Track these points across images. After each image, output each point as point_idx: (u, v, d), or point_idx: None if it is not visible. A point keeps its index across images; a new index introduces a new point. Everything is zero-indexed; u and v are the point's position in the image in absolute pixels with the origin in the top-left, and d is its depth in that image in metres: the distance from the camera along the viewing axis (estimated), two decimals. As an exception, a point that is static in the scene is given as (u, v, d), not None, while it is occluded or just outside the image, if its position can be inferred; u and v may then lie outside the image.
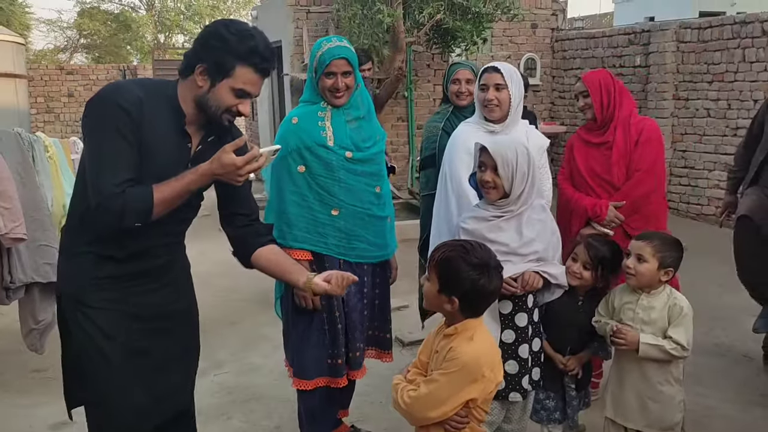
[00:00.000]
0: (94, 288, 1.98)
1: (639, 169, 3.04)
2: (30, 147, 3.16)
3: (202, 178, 1.92)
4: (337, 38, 2.76)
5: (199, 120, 2.00)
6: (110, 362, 2.00)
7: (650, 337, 2.32)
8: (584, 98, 3.15)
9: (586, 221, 3.10)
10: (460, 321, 1.90)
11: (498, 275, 1.93)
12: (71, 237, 2.04)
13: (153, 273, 2.08)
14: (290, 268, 2.17)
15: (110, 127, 1.85)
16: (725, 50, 7.00)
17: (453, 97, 3.38)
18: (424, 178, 3.48)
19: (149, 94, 1.92)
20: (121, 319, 2.01)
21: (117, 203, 1.83)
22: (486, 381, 1.85)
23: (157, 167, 1.91)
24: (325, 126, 2.69)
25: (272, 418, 3.36)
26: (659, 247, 2.38)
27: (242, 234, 2.20)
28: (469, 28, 7.42)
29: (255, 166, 1.91)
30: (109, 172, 1.84)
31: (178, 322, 2.19)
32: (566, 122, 9.54)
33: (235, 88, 1.93)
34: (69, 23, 25.38)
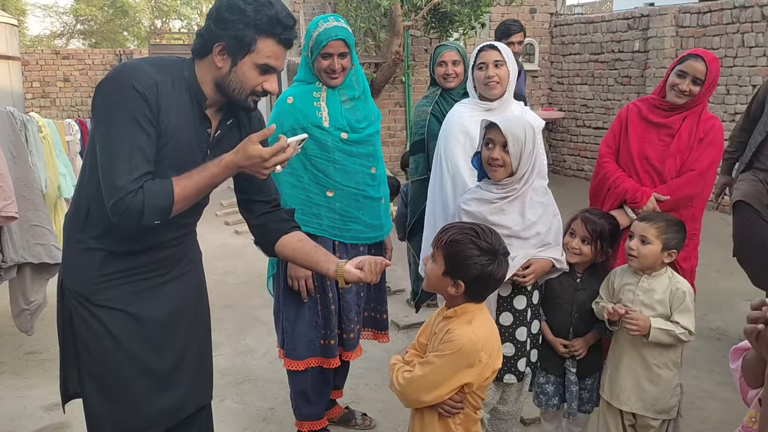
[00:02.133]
0: (102, 286, 1.85)
1: (694, 169, 2.83)
2: (23, 126, 3.13)
3: (226, 171, 1.76)
4: (335, 17, 2.72)
5: (219, 102, 1.85)
6: (116, 364, 1.88)
7: (661, 321, 2.28)
8: (693, 84, 2.78)
9: (620, 203, 2.91)
10: (460, 304, 1.86)
11: (506, 262, 1.89)
12: (77, 230, 1.88)
13: (163, 265, 1.95)
14: (318, 257, 2.01)
15: (125, 114, 1.67)
16: (724, 35, 6.96)
17: (440, 79, 3.35)
18: (413, 163, 3.45)
19: (165, 76, 1.75)
20: (128, 318, 1.88)
21: (136, 201, 1.67)
22: (482, 366, 1.82)
23: (175, 156, 1.77)
24: (321, 106, 2.66)
25: (266, 399, 3.36)
26: (663, 228, 2.35)
27: (264, 221, 2.06)
28: (467, 12, 7.37)
29: (282, 157, 1.76)
30: (126, 165, 1.67)
31: (188, 318, 2.05)
32: (564, 108, 9.50)
33: (259, 63, 1.76)
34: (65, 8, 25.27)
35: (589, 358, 2.52)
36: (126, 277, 1.87)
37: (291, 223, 2.10)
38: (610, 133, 3.07)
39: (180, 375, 2.01)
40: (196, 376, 2.09)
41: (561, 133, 9.68)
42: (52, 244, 3.25)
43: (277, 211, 2.10)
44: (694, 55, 2.80)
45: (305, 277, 2.65)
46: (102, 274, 1.85)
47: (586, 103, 9.14)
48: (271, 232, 2.06)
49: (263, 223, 2.07)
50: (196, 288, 2.11)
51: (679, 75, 2.81)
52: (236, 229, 6.54)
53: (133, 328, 1.89)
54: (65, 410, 2.10)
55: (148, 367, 1.93)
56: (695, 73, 2.77)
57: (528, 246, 2.35)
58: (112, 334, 1.86)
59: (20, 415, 3.23)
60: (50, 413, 3.24)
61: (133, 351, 1.89)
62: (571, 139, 9.49)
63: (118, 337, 1.86)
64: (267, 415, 3.22)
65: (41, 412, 3.25)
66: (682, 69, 2.80)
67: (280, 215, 2.09)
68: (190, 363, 2.05)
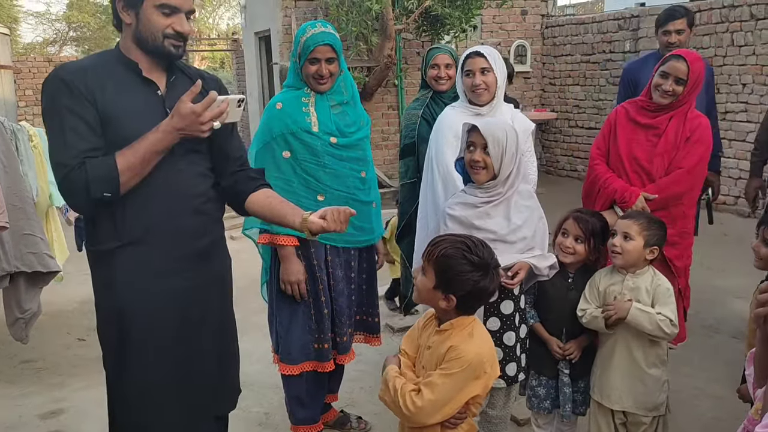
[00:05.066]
0: (129, 288, 1.89)
1: (681, 167, 2.87)
2: (13, 136, 3.14)
3: (165, 135, 1.80)
4: (322, 23, 2.74)
5: (153, 63, 1.90)
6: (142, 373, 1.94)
7: (640, 305, 2.31)
8: (676, 84, 2.82)
9: (610, 204, 2.96)
10: (452, 317, 1.85)
11: (497, 274, 1.88)
12: (92, 243, 1.95)
13: (187, 263, 1.96)
14: (284, 211, 2.02)
15: (58, 103, 1.78)
16: (714, 34, 7.00)
17: (432, 82, 3.35)
18: (404, 166, 3.43)
19: (94, 62, 1.87)
20: (157, 320, 1.92)
21: (80, 174, 1.75)
22: (487, 377, 1.83)
23: (129, 128, 1.81)
24: (310, 111, 2.68)
25: (262, 404, 3.36)
26: (645, 225, 2.37)
27: (232, 181, 2.08)
28: (458, 15, 7.39)
29: (216, 111, 1.80)
30: (64, 146, 1.77)
31: (212, 333, 2.08)
32: (556, 109, 9.54)
33: (157, 4, 1.82)
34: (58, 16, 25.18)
35: (583, 360, 2.53)
36: (150, 278, 1.90)
37: (259, 181, 2.12)
38: (600, 135, 3.12)
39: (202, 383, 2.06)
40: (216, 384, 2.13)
41: (554, 134, 9.72)
42: (44, 253, 3.25)
43: (245, 170, 2.12)
44: (676, 56, 2.85)
45: (297, 281, 2.66)
46: (125, 272, 1.89)
47: (578, 103, 9.18)
48: (240, 191, 2.08)
49: (232, 183, 2.08)
50: (222, 293, 2.17)
51: (662, 75, 2.86)
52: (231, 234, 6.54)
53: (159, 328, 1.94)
54: None
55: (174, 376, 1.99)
56: (677, 73, 2.82)
57: (514, 250, 2.36)
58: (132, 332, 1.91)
59: (16, 423, 3.23)
60: (46, 421, 3.24)
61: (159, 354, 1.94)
62: (564, 140, 9.53)
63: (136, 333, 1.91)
64: (262, 420, 3.23)
65: (37, 421, 3.26)
66: (665, 70, 2.85)
67: (248, 174, 2.12)
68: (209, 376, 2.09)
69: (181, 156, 1.90)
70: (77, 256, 3.83)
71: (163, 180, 1.87)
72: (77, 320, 4.56)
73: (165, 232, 1.91)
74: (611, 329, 2.37)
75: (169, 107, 1.86)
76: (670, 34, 3.77)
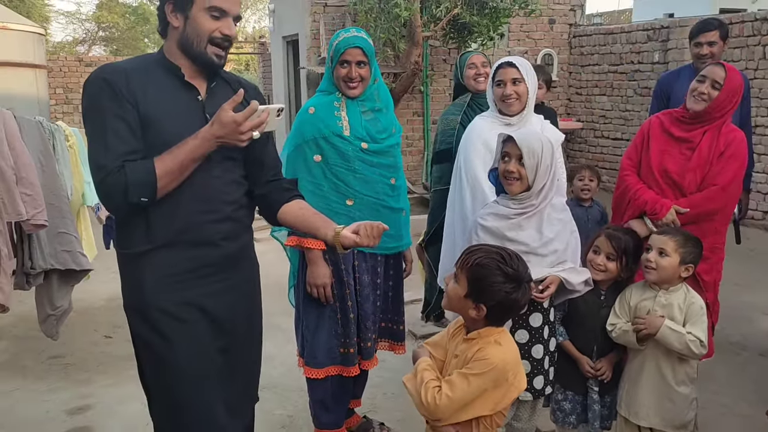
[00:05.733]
0: (159, 291, 1.88)
1: (715, 184, 2.82)
2: (51, 136, 3.21)
3: (204, 143, 1.80)
4: (356, 29, 2.76)
5: (196, 69, 1.90)
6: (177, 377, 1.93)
7: (673, 323, 2.29)
8: (712, 88, 2.79)
9: (640, 214, 2.93)
10: (480, 327, 1.85)
11: (528, 288, 1.89)
12: (124, 245, 1.94)
13: (218, 268, 1.96)
14: (317, 223, 2.01)
15: (99, 104, 1.77)
16: (745, 47, 6.93)
17: (470, 82, 3.33)
18: (438, 172, 3.42)
19: (136, 64, 1.87)
20: (185, 322, 1.91)
21: (119, 178, 1.75)
22: (509, 386, 1.82)
23: (169, 132, 1.81)
24: (341, 116, 2.69)
25: (285, 407, 3.38)
26: (682, 242, 2.35)
27: (266, 191, 2.08)
28: (486, 23, 7.39)
29: (257, 122, 1.80)
30: (104, 148, 1.76)
31: (241, 337, 2.09)
32: (582, 119, 9.48)
33: (208, 7, 1.81)
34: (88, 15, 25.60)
35: (612, 376, 2.51)
36: (180, 282, 1.90)
37: (293, 192, 2.13)
38: (632, 146, 3.09)
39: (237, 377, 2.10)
40: (248, 380, 2.20)
41: (579, 144, 9.66)
42: (78, 251, 3.31)
43: (279, 180, 2.13)
44: (715, 63, 2.89)
45: (324, 284, 2.68)
46: (156, 278, 1.88)
47: (604, 113, 9.12)
48: (274, 201, 2.08)
49: (266, 193, 2.09)
50: (252, 299, 2.17)
51: (699, 80, 2.86)
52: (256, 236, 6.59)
53: (190, 329, 1.92)
54: None
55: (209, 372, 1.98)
56: (714, 77, 2.81)
57: (545, 263, 2.34)
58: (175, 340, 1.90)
59: (43, 419, 3.28)
60: (73, 417, 3.29)
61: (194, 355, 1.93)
62: (590, 150, 9.46)
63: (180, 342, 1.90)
64: (286, 423, 3.25)
65: (64, 416, 3.30)
66: (703, 74, 2.86)
67: (282, 184, 2.13)
68: (245, 367, 2.14)
69: (216, 163, 1.90)
70: (104, 254, 3.89)
71: (197, 186, 1.88)
72: (104, 317, 4.63)
73: (196, 237, 1.91)
74: (642, 344, 2.35)
75: (209, 113, 1.87)
76: (701, 46, 3.74)
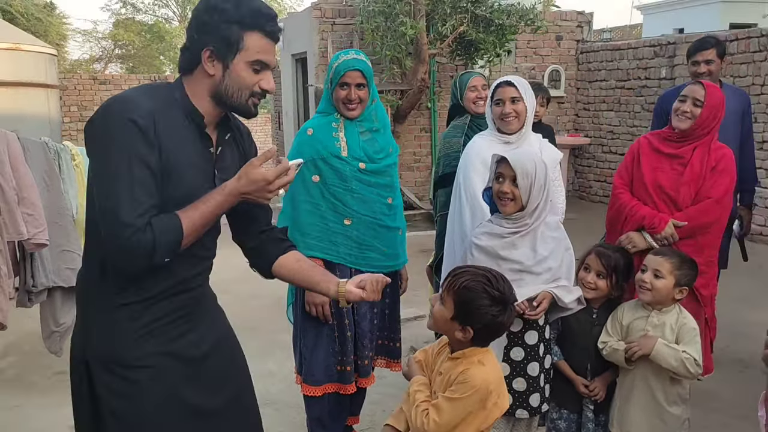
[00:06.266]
0: (133, 346, 1.70)
1: (710, 197, 2.88)
2: (56, 155, 3.28)
3: (230, 198, 1.68)
4: (355, 51, 2.82)
5: (216, 117, 1.77)
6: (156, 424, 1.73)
7: (666, 343, 2.30)
8: (694, 106, 2.88)
9: (637, 229, 2.96)
10: (466, 348, 1.87)
11: (514, 309, 1.91)
12: (96, 290, 1.73)
13: (192, 308, 1.83)
14: (318, 277, 1.94)
15: (122, 148, 1.56)
16: (751, 63, 6.93)
17: (470, 104, 3.34)
18: (444, 196, 3.34)
19: (159, 102, 1.65)
20: (162, 372, 1.73)
21: (146, 238, 1.55)
22: (492, 406, 1.83)
23: (187, 185, 1.67)
24: (339, 137, 2.74)
25: (284, 423, 3.40)
26: (678, 264, 2.36)
27: (259, 243, 1.98)
28: (492, 40, 7.45)
29: (286, 180, 1.69)
30: (129, 202, 1.54)
31: (221, 358, 1.92)
32: (590, 134, 9.49)
33: (251, 60, 1.68)
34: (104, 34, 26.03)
35: (606, 395, 2.51)
36: (159, 329, 1.74)
37: (286, 243, 2.02)
38: (622, 165, 3.14)
39: (226, 419, 1.89)
40: (243, 418, 1.96)
41: (587, 159, 9.66)
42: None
43: (272, 230, 2.02)
44: (695, 81, 3.00)
45: (322, 303, 2.70)
46: (133, 330, 1.70)
47: (612, 129, 9.13)
48: (268, 254, 1.98)
49: (258, 245, 1.98)
50: (224, 326, 2.02)
51: (681, 100, 2.94)
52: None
53: (172, 377, 1.75)
54: None
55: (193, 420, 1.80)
56: (695, 95, 2.89)
57: (539, 281, 2.36)
58: (154, 391, 1.72)
59: (48, 433, 3.33)
60: (76, 432, 3.33)
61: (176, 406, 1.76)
62: (597, 165, 9.46)
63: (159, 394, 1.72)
64: (284, 439, 3.27)
65: (69, 431, 3.35)
66: (683, 93, 2.95)
67: (276, 235, 2.01)
68: (236, 405, 1.94)
69: None
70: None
71: None
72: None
73: (178, 289, 1.77)
74: (631, 365, 2.36)
75: (218, 168, 1.78)
76: (699, 65, 3.79)
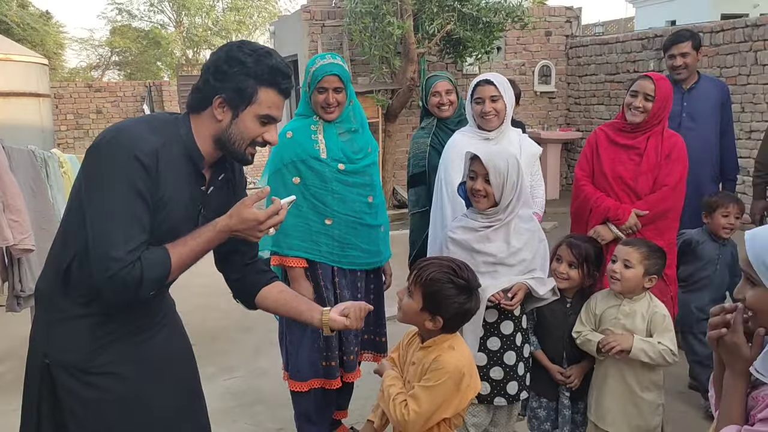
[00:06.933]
0: (98, 352, 1.72)
1: (666, 185, 3.02)
2: (43, 163, 3.35)
3: (220, 235, 1.71)
4: (331, 55, 2.88)
5: (213, 158, 1.80)
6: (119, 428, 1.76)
7: (641, 338, 2.36)
8: (645, 101, 2.99)
9: (603, 220, 3.09)
10: (436, 336, 1.94)
11: (479, 295, 1.98)
12: (60, 298, 1.73)
13: (154, 315, 1.87)
14: (301, 307, 1.97)
15: (124, 182, 1.59)
16: (737, 53, 6.97)
17: (434, 109, 3.38)
18: (414, 195, 3.45)
19: (163, 139, 1.68)
20: (126, 378, 1.76)
21: (134, 273, 1.58)
22: (466, 389, 1.89)
23: (171, 219, 1.70)
24: (318, 139, 2.80)
25: (276, 420, 3.47)
26: (646, 254, 2.42)
27: (243, 274, 2.00)
28: (479, 38, 7.50)
29: (276, 220, 1.72)
30: (122, 236, 1.58)
31: (180, 362, 1.97)
32: (582, 128, 9.54)
33: (260, 114, 1.72)
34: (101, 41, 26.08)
35: (583, 383, 2.56)
36: (122, 336, 1.76)
37: (270, 274, 2.05)
38: (582, 157, 3.26)
39: (184, 423, 1.94)
40: (198, 423, 2.02)
41: (579, 153, 9.70)
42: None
43: (256, 263, 2.04)
44: (643, 76, 3.07)
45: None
46: (96, 338, 1.72)
47: (602, 122, 9.17)
48: (252, 285, 2.00)
49: (242, 277, 2.00)
50: (181, 333, 2.04)
51: (632, 95, 3.05)
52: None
53: (134, 384, 1.77)
54: None
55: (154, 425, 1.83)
56: (645, 90, 2.99)
57: (514, 272, 2.42)
58: (116, 397, 1.74)
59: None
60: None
61: (138, 410, 1.78)
62: (590, 159, 9.50)
63: (123, 399, 1.75)
64: (275, 435, 3.34)
65: None
66: (634, 89, 3.05)
67: (259, 266, 2.04)
68: (192, 410, 1.99)
69: None
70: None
71: None
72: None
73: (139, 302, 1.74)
74: (601, 355, 2.42)
75: (204, 205, 1.82)
76: (675, 58, 3.86)
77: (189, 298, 4.10)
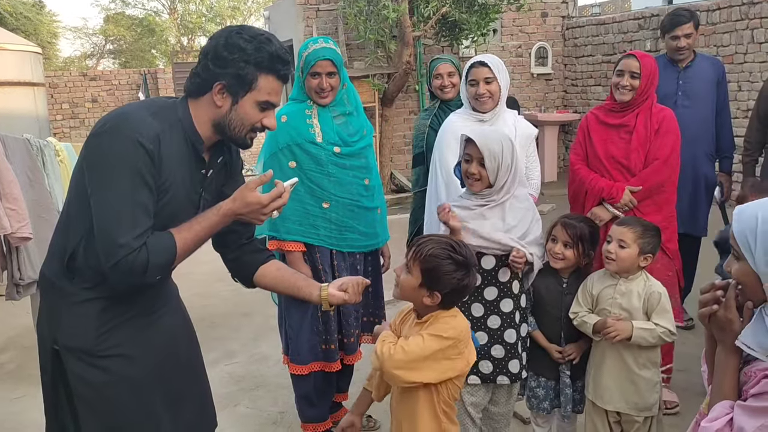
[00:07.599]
0: (105, 336, 1.74)
1: (657, 158, 3.04)
2: (39, 152, 3.35)
3: (224, 219, 1.74)
4: (324, 39, 2.87)
5: (212, 142, 1.81)
6: (128, 412, 1.79)
7: (642, 322, 2.37)
8: (632, 79, 3.03)
9: (599, 201, 3.12)
10: (434, 311, 1.94)
11: (475, 272, 1.98)
12: (67, 282, 1.75)
13: (159, 300, 1.89)
14: (300, 283, 2.01)
15: (128, 168, 1.60)
16: (734, 32, 6.95)
17: (437, 91, 3.45)
18: (414, 175, 3.54)
19: (164, 124, 1.69)
20: (133, 360, 1.78)
21: (139, 259, 1.60)
22: (459, 356, 1.88)
23: (173, 204, 1.72)
24: (313, 123, 2.80)
25: (277, 404, 3.50)
26: (641, 233, 2.43)
27: (240, 254, 2.02)
28: (475, 20, 7.47)
29: (280, 203, 1.75)
30: (128, 222, 1.59)
31: (185, 345, 2.00)
32: (579, 110, 9.52)
33: (260, 100, 1.74)
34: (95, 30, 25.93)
35: (581, 361, 2.58)
36: (129, 319, 1.79)
37: (266, 253, 2.07)
38: (576, 142, 3.32)
39: (188, 404, 1.96)
40: (202, 404, 2.05)
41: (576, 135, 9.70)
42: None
43: (252, 242, 2.06)
44: (627, 55, 3.12)
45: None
46: (103, 322, 1.75)
47: (600, 103, 9.15)
48: (249, 264, 2.03)
49: (239, 256, 2.03)
50: (185, 316, 2.07)
51: (618, 74, 3.09)
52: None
53: (141, 366, 1.80)
54: None
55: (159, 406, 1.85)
56: (630, 69, 3.04)
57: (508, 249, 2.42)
58: (123, 379, 1.76)
59: (47, 423, 3.42)
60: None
61: (145, 392, 1.81)
62: (587, 141, 9.50)
63: (130, 381, 1.77)
64: (277, 419, 3.37)
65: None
66: (619, 68, 3.09)
67: (255, 246, 2.06)
68: (195, 391, 2.02)
69: None
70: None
71: None
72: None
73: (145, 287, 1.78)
74: (597, 335, 2.44)
75: (204, 188, 1.84)
76: (679, 39, 3.82)
77: (189, 285, 4.11)
